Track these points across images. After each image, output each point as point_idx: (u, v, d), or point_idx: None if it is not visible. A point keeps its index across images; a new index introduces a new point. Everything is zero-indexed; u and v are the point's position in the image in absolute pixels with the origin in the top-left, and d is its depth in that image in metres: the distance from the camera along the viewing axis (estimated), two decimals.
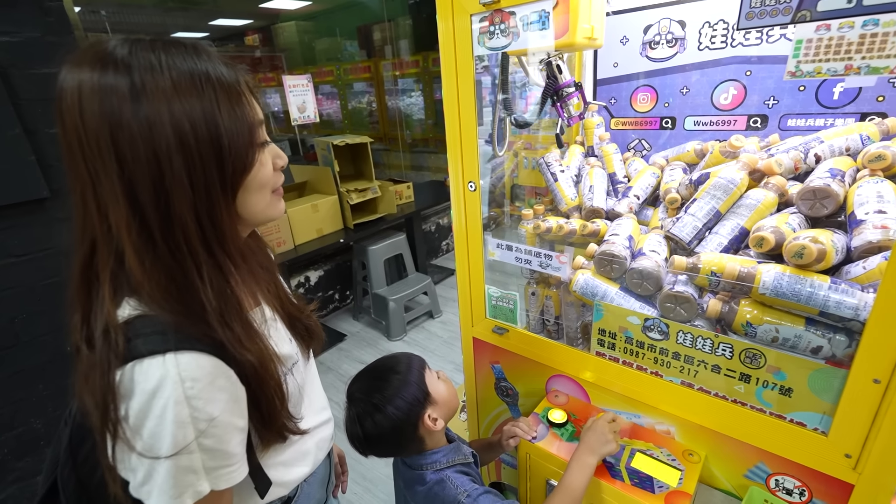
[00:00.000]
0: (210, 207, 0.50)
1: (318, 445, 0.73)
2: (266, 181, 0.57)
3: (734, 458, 0.88)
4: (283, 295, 0.71)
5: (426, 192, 3.69)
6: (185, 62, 0.49)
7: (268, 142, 0.58)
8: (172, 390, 0.47)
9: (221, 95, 0.50)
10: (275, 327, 0.66)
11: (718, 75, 1.21)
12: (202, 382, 0.49)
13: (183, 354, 0.48)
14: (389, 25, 4.72)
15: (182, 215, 0.49)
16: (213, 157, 0.50)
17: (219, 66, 0.51)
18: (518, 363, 1.19)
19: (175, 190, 0.48)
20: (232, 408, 0.52)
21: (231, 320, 0.52)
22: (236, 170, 0.52)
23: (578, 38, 0.84)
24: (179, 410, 0.47)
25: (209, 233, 0.51)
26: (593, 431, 0.90)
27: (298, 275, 3.15)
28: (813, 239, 0.74)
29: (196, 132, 0.48)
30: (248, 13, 5.16)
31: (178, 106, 0.48)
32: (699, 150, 1.23)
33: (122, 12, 4.19)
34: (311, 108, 3.14)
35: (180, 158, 0.48)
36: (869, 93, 1.03)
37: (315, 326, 0.75)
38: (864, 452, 0.71)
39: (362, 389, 0.86)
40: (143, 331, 0.49)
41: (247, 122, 0.52)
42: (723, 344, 0.82)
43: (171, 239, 0.49)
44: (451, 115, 1.04)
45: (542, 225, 1.20)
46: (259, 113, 0.55)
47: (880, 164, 0.84)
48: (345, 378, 2.68)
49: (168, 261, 0.50)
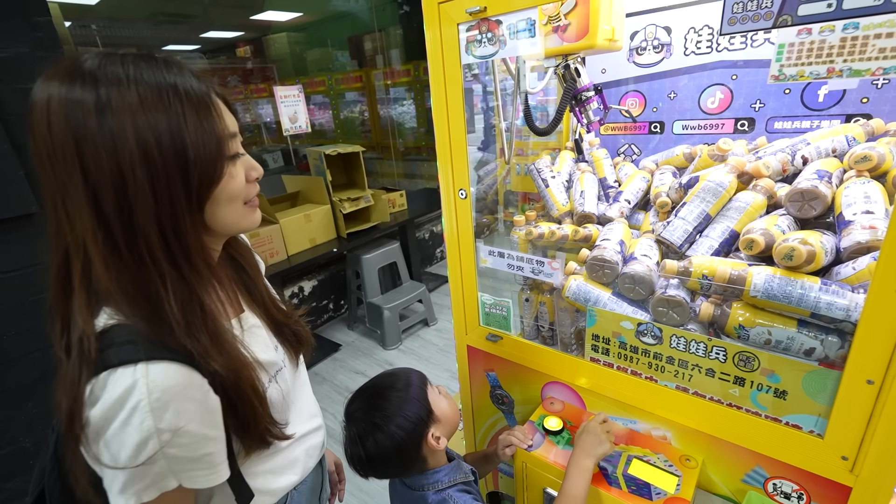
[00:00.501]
0: (174, 220, 0.51)
1: (307, 453, 0.72)
2: (237, 193, 0.57)
3: (731, 463, 0.88)
4: (268, 301, 0.71)
5: (419, 200, 3.69)
6: (154, 75, 0.50)
7: (240, 154, 0.58)
8: (137, 401, 0.47)
9: (189, 109, 0.51)
10: (258, 334, 0.65)
11: (705, 80, 1.22)
12: (170, 393, 0.49)
13: (154, 364, 0.48)
14: (380, 35, 4.75)
15: (145, 227, 0.49)
16: (178, 170, 0.50)
17: (188, 80, 0.52)
18: (513, 371, 1.18)
19: (138, 202, 0.49)
20: (202, 418, 0.52)
21: (197, 331, 0.52)
22: (203, 182, 0.52)
23: (599, 40, 0.82)
24: (143, 421, 0.47)
25: (173, 245, 0.51)
26: (586, 433, 0.90)
27: (292, 285, 3.13)
28: (802, 241, 0.74)
29: (161, 145, 0.49)
30: (239, 25, 5.18)
31: (143, 119, 0.48)
32: (688, 153, 1.23)
33: (113, 26, 4.19)
34: (303, 118, 3.14)
35: (144, 171, 0.48)
36: (853, 94, 1.04)
37: (303, 332, 0.75)
38: (860, 454, 0.71)
39: (362, 408, 0.83)
40: (116, 340, 0.49)
41: (215, 134, 0.52)
42: (716, 347, 0.82)
43: (135, 249, 0.50)
44: (441, 123, 1.04)
45: (534, 231, 1.20)
46: (230, 125, 0.56)
47: (866, 165, 0.85)
48: (340, 389, 2.66)
49: (134, 270, 0.50)
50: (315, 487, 0.77)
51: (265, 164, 5.31)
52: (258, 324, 0.67)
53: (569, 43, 0.84)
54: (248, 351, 0.58)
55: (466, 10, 0.88)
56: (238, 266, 0.70)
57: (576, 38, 0.82)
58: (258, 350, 0.62)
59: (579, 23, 0.81)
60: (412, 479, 0.85)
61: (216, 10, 4.80)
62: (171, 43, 5.02)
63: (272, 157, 5.36)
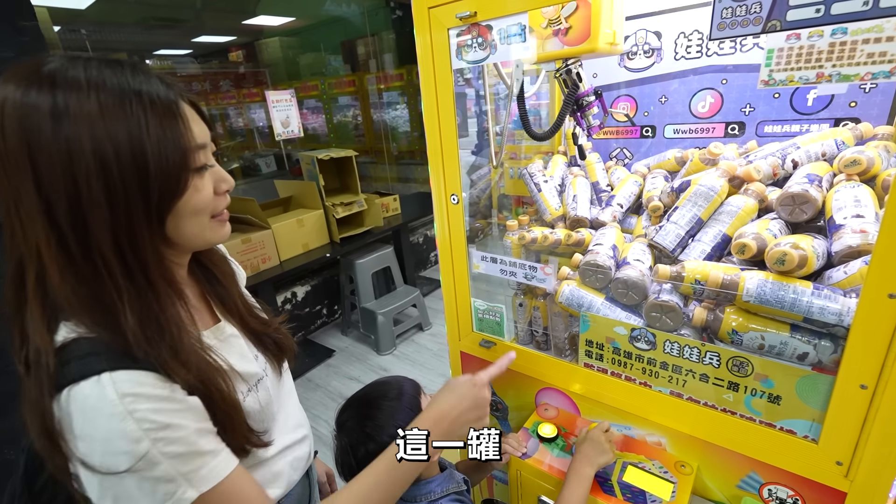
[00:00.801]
0: (130, 233, 0.49)
1: (292, 465, 0.70)
2: (202, 206, 0.55)
3: (726, 469, 0.87)
4: (244, 311, 0.69)
5: (413, 204, 3.68)
6: (117, 81, 0.48)
7: (209, 165, 0.56)
8: (111, 409, 0.45)
9: (152, 118, 0.48)
10: (235, 344, 0.64)
11: (695, 84, 1.23)
12: (143, 396, 0.47)
13: (119, 373, 0.47)
14: (373, 40, 4.76)
15: (100, 239, 0.48)
16: (137, 183, 0.48)
17: (154, 87, 0.50)
18: (506, 376, 1.17)
19: (93, 213, 0.47)
20: (185, 414, 0.50)
21: (157, 345, 0.50)
22: (164, 195, 0.50)
23: (601, 44, 0.80)
24: (124, 426, 0.45)
25: (129, 259, 0.49)
26: (589, 442, 0.88)
27: (285, 290, 3.10)
28: (794, 245, 0.74)
29: (119, 156, 0.47)
30: (231, 30, 5.16)
31: (102, 128, 0.46)
32: (679, 157, 1.24)
33: (103, 31, 4.15)
34: (295, 122, 3.13)
35: (99, 182, 0.46)
36: (841, 99, 1.05)
37: (284, 340, 0.73)
38: (854, 459, 0.70)
39: (354, 418, 0.81)
40: (77, 353, 0.47)
41: (179, 145, 0.50)
42: (710, 353, 0.82)
43: (90, 261, 0.48)
44: (432, 128, 1.03)
45: (526, 235, 1.19)
46: (199, 136, 0.53)
47: (856, 169, 0.85)
48: (333, 395, 2.63)
49: (90, 281, 0.48)
50: (302, 500, 0.75)
51: (258, 169, 5.29)
52: (236, 333, 0.65)
53: (570, 46, 0.83)
54: (223, 360, 0.57)
55: (456, 14, 0.88)
56: (211, 275, 0.68)
57: (577, 41, 0.80)
58: (235, 360, 0.60)
59: (580, 26, 0.79)
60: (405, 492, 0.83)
61: (208, 15, 4.78)
62: (162, 47, 4.98)
63: (265, 161, 5.33)
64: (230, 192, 0.60)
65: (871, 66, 0.56)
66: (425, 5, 0.92)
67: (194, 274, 0.67)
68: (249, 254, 2.44)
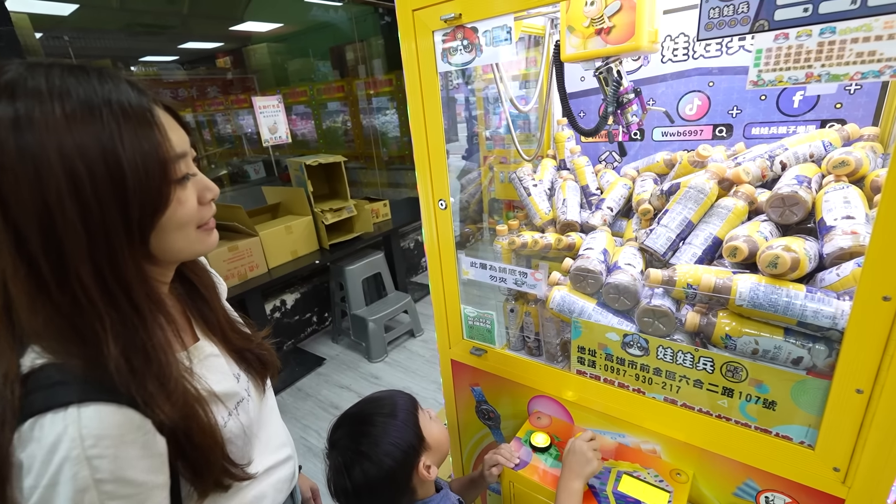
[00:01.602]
0: (111, 256, 0.45)
1: (275, 487, 0.67)
2: (187, 219, 0.52)
3: (722, 476, 0.85)
4: (225, 326, 0.66)
5: (403, 210, 3.66)
6: (83, 89, 0.43)
7: (191, 174, 0.52)
8: (70, 449, 0.41)
9: (125, 128, 0.44)
10: (215, 364, 0.60)
11: (683, 87, 1.22)
12: (108, 439, 0.43)
13: (87, 407, 0.43)
14: (362, 45, 4.75)
15: (77, 265, 0.43)
16: (115, 201, 0.44)
17: (125, 93, 0.46)
18: (498, 385, 1.15)
19: (68, 238, 0.43)
20: (147, 465, 0.47)
21: (142, 376, 0.46)
22: (145, 212, 0.47)
23: (644, 42, 0.79)
24: (78, 472, 0.42)
25: (111, 283, 0.45)
26: (573, 454, 0.87)
27: (274, 298, 3.05)
28: (786, 247, 0.73)
29: (92, 172, 0.42)
30: (218, 36, 5.12)
31: (70, 141, 0.42)
32: (668, 160, 1.23)
33: (87, 37, 4.09)
34: (283, 128, 3.09)
35: (73, 203, 0.42)
36: (827, 100, 1.05)
37: (268, 356, 0.70)
38: (852, 465, 0.69)
39: (348, 436, 0.78)
40: (45, 382, 0.43)
41: (158, 157, 0.47)
42: (703, 358, 0.80)
43: (67, 290, 0.44)
44: (418, 132, 1.01)
45: (517, 240, 1.18)
46: (178, 144, 0.50)
47: (844, 170, 0.85)
48: (324, 405, 2.58)
49: (67, 312, 0.44)
50: None
51: (246, 176, 5.23)
52: (216, 352, 0.62)
53: (613, 45, 0.81)
54: (202, 385, 0.53)
55: (441, 16, 0.86)
56: (192, 288, 0.65)
57: (620, 40, 0.79)
58: (215, 381, 0.57)
59: (624, 25, 0.78)
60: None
61: (195, 21, 4.74)
62: (148, 54, 4.92)
63: (253, 168, 5.28)
64: (215, 200, 0.57)
65: (860, 65, 0.56)
66: (409, 8, 0.91)
67: (175, 288, 0.64)
68: (237, 262, 2.40)
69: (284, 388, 2.75)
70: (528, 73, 1.49)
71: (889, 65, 0.55)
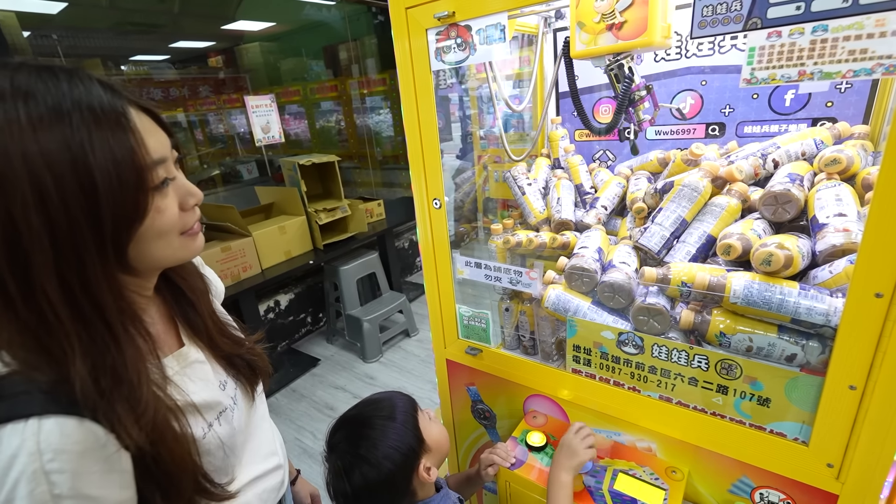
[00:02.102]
0: (81, 272, 0.42)
1: (260, 498, 0.65)
2: (168, 227, 0.49)
3: (717, 474, 0.86)
4: (213, 331, 0.64)
5: (398, 209, 3.65)
6: (50, 91, 0.41)
7: (170, 179, 0.49)
8: (27, 464, 0.40)
9: (96, 133, 0.42)
10: (199, 371, 0.58)
11: (676, 85, 1.23)
12: (67, 454, 0.41)
13: (48, 420, 0.41)
14: (355, 45, 4.73)
15: (44, 281, 0.41)
16: (84, 214, 0.41)
17: (97, 95, 0.43)
18: (494, 384, 1.15)
19: (34, 253, 0.40)
20: (109, 480, 0.44)
21: (111, 398, 0.43)
22: (119, 225, 0.44)
23: (657, 38, 0.78)
24: (34, 487, 0.40)
25: (81, 300, 0.43)
26: (560, 448, 0.88)
27: (267, 299, 3.04)
28: (779, 245, 0.73)
29: (60, 184, 0.40)
30: (210, 35, 5.07)
31: (34, 148, 0.39)
32: (662, 158, 1.24)
33: (76, 36, 4.03)
34: (276, 128, 3.07)
35: (40, 217, 0.39)
36: (818, 99, 1.06)
37: (258, 361, 0.68)
38: (845, 461, 0.70)
39: (347, 439, 0.77)
40: (9, 391, 0.42)
41: (132, 164, 0.44)
42: (698, 355, 0.81)
43: (33, 306, 0.41)
44: (412, 131, 1.01)
45: (511, 239, 1.17)
46: (155, 149, 0.47)
47: (836, 168, 0.86)
48: (319, 405, 2.57)
49: (34, 328, 0.42)
50: None
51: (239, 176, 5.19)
52: (201, 358, 0.60)
53: (625, 41, 0.80)
54: (180, 396, 0.51)
55: (434, 14, 0.85)
56: (178, 293, 0.63)
57: (633, 35, 0.78)
58: (196, 390, 0.55)
59: (637, 20, 0.77)
60: None
61: (186, 20, 4.69)
62: (138, 53, 4.87)
63: (246, 168, 5.24)
64: (199, 205, 0.54)
65: (853, 63, 0.56)
66: (402, 6, 0.90)
67: (160, 291, 0.61)
68: (229, 262, 2.38)
69: (279, 389, 2.73)
70: (522, 72, 1.49)
71: (881, 62, 0.55)
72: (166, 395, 0.50)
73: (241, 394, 0.65)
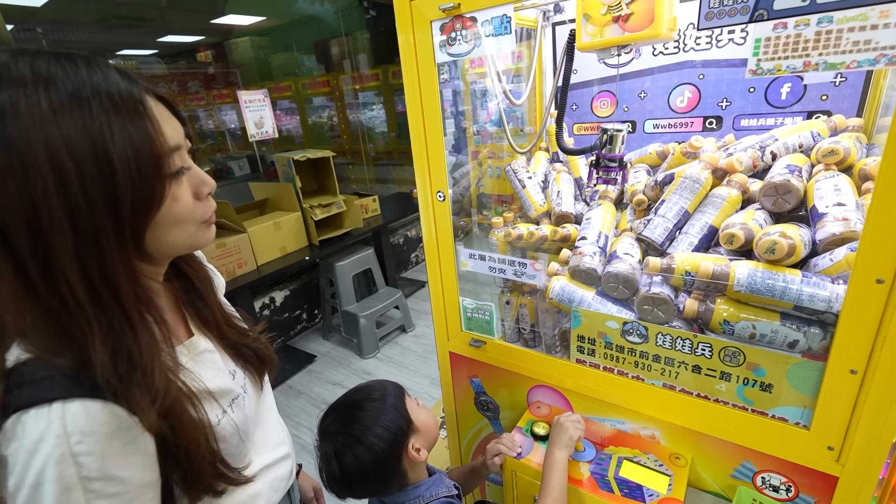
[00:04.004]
0: (100, 256, 0.43)
1: (272, 486, 0.65)
2: (184, 215, 0.50)
3: (720, 459, 0.87)
4: (221, 321, 0.64)
5: (393, 205, 3.64)
6: (70, 78, 0.41)
7: (186, 168, 0.50)
8: (55, 446, 0.40)
9: (115, 120, 0.42)
10: (210, 360, 0.59)
11: (674, 79, 1.24)
12: (94, 436, 0.42)
13: (73, 403, 0.41)
14: (347, 40, 4.69)
15: (65, 266, 0.42)
16: (104, 199, 0.42)
17: (115, 82, 0.44)
18: (497, 375, 1.16)
19: (55, 238, 0.41)
20: (135, 462, 0.45)
21: (128, 382, 0.44)
22: (137, 210, 0.45)
23: (663, 30, 0.78)
24: (63, 470, 0.40)
25: (99, 285, 0.44)
26: (552, 429, 0.94)
27: (263, 296, 3.01)
28: (782, 234, 0.74)
29: (80, 169, 0.41)
30: (199, 29, 4.99)
31: (56, 134, 0.40)
32: (661, 151, 1.25)
33: (61, 30, 3.94)
34: (269, 123, 3.05)
35: (61, 202, 0.40)
36: (813, 92, 1.08)
37: (265, 350, 0.69)
38: (846, 444, 0.72)
39: (338, 422, 0.78)
40: (30, 377, 0.42)
41: (151, 151, 0.44)
42: (702, 344, 0.82)
43: (55, 291, 0.42)
44: (416, 124, 1.01)
45: (512, 232, 1.18)
46: (172, 137, 0.48)
47: (833, 159, 0.87)
48: (316, 402, 2.56)
49: (56, 313, 0.43)
50: None
51: (231, 172, 5.14)
52: (210, 348, 0.60)
53: (631, 33, 0.81)
54: (195, 383, 0.52)
55: (440, 6, 0.85)
56: (187, 282, 0.63)
57: (639, 27, 0.78)
58: (208, 378, 0.55)
59: (643, 12, 0.77)
60: (392, 498, 0.81)
61: (174, 14, 4.61)
62: (126, 47, 4.78)
63: (238, 164, 5.18)
64: (212, 194, 0.55)
65: (857, 54, 0.57)
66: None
67: (170, 282, 0.62)
68: (224, 258, 2.36)
69: (275, 385, 2.72)
70: (521, 67, 1.49)
71: (884, 53, 0.56)
72: (181, 382, 0.50)
73: (250, 383, 0.65)
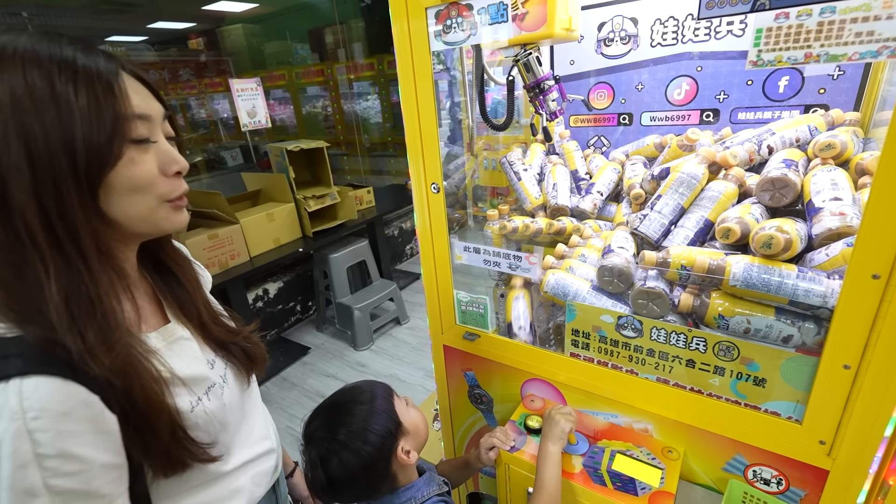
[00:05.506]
0: (58, 199, 0.45)
1: (253, 481, 0.65)
2: (142, 183, 0.50)
3: (712, 452, 0.88)
4: (206, 319, 0.64)
5: (387, 197, 3.62)
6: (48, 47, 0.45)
7: (152, 141, 0.51)
8: (10, 421, 0.40)
9: (81, 76, 0.45)
10: (185, 347, 0.59)
11: (671, 71, 1.23)
12: (50, 413, 0.42)
13: (29, 379, 0.41)
14: (341, 28, 4.62)
15: (22, 204, 0.43)
16: (61, 145, 0.44)
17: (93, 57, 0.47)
18: (491, 369, 1.15)
19: (12, 176, 0.43)
20: (95, 441, 0.45)
21: (84, 326, 0.45)
22: (92, 162, 0.46)
23: (557, 30, 0.79)
24: (18, 446, 0.40)
25: (57, 225, 0.45)
26: (544, 422, 0.94)
27: (256, 288, 2.99)
28: (779, 228, 0.74)
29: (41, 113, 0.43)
30: (190, 16, 4.89)
31: (21, 81, 0.43)
32: (658, 143, 1.24)
33: (47, 14, 3.86)
34: (262, 112, 3.00)
35: (18, 141, 0.42)
36: (811, 85, 1.07)
37: (254, 349, 0.68)
38: (837, 438, 0.72)
39: (324, 427, 0.76)
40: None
41: (112, 110, 0.46)
42: (696, 338, 0.82)
43: (9, 227, 0.44)
44: (410, 115, 0.99)
45: (508, 225, 1.17)
46: (139, 106, 0.49)
47: (830, 153, 0.87)
48: (311, 393, 2.56)
49: (9, 250, 0.44)
50: None
51: (223, 162, 5.07)
52: (187, 336, 0.60)
53: (527, 32, 0.81)
54: (163, 365, 0.51)
55: None
56: (171, 278, 0.63)
57: (534, 27, 0.80)
58: (182, 364, 0.55)
59: (537, 12, 0.79)
60: (382, 501, 0.80)
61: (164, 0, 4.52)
62: (115, 33, 4.68)
63: (230, 154, 5.12)
64: (183, 174, 0.55)
65: (859, 45, 0.56)
66: None
67: (149, 273, 0.62)
68: (217, 250, 2.33)
69: (269, 377, 2.71)
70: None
71: (886, 45, 0.55)
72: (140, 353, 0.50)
73: (233, 375, 0.65)
